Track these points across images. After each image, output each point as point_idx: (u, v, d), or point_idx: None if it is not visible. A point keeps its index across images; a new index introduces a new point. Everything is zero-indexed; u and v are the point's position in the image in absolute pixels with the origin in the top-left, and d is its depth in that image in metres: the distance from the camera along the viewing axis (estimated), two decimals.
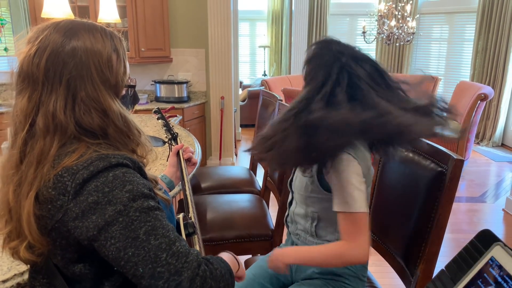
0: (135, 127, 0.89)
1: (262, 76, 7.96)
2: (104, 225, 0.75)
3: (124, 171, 0.79)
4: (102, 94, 0.83)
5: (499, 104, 5.44)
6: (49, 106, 0.80)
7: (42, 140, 0.80)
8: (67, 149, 0.80)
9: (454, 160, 1.17)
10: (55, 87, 0.80)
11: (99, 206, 0.75)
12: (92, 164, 0.77)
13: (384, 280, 1.76)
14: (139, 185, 0.79)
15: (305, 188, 1.24)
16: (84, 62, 0.81)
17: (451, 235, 3.05)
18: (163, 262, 0.75)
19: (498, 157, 5.05)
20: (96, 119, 0.82)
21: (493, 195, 3.84)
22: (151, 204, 0.79)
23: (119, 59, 0.88)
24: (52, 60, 0.80)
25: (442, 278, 0.78)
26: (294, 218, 1.34)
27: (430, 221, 1.23)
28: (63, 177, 0.77)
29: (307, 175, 1.23)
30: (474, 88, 4.33)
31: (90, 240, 0.76)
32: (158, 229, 0.77)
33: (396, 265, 1.40)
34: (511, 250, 0.68)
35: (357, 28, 6.98)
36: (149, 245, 0.75)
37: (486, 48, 5.56)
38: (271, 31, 7.84)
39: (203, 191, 2.34)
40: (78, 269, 0.82)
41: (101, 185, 0.76)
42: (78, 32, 0.83)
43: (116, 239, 0.75)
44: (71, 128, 0.81)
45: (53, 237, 0.79)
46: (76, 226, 0.76)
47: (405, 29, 5.23)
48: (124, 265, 0.76)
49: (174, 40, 4.20)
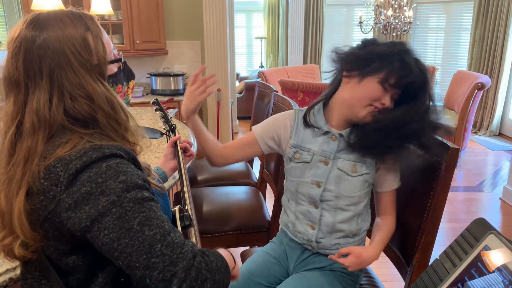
0: (123, 111, 0.87)
1: (259, 67, 7.91)
2: (97, 215, 0.74)
3: (118, 162, 0.78)
4: (84, 79, 0.81)
5: (497, 93, 5.42)
6: (32, 105, 0.79)
7: (29, 139, 0.79)
8: (60, 140, 0.79)
9: (450, 149, 1.17)
10: (38, 84, 0.80)
11: (92, 196, 0.74)
12: (86, 155, 0.76)
13: (381, 270, 1.76)
14: (133, 175, 0.78)
15: (361, 186, 1.23)
16: (59, 50, 0.79)
17: (448, 224, 3.05)
18: (157, 252, 0.74)
19: (495, 147, 5.05)
20: (84, 106, 0.81)
21: (490, 184, 3.85)
22: (145, 195, 0.78)
23: (95, 37, 0.85)
24: (28, 58, 0.79)
25: (436, 268, 0.77)
26: (334, 229, 1.26)
27: (426, 211, 1.22)
28: (56, 167, 0.76)
29: (362, 173, 1.23)
30: (471, 78, 4.31)
31: (83, 231, 0.76)
32: (153, 220, 0.77)
33: (392, 255, 1.40)
34: (505, 238, 0.68)
35: (353, 18, 6.94)
36: (143, 236, 0.75)
37: (484, 37, 5.54)
38: (267, 22, 7.79)
39: (200, 184, 2.33)
40: (72, 260, 0.82)
41: (94, 175, 0.75)
42: (45, 23, 0.81)
43: (109, 230, 0.74)
44: (59, 119, 0.80)
45: (46, 228, 0.78)
46: (68, 217, 0.75)
47: (402, 18, 5.19)
48: (118, 256, 0.75)
49: (169, 32, 4.17)
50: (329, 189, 1.23)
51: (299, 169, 1.28)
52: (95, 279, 0.84)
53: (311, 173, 1.25)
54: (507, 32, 5.23)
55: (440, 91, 6.29)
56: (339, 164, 1.23)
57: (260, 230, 1.90)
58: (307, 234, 1.28)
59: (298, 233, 1.31)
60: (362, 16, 5.60)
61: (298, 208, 1.30)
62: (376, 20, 5.39)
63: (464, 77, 4.67)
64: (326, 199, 1.24)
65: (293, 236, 1.33)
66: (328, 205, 1.25)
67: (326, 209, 1.25)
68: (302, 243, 1.30)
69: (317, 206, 1.26)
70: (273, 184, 2.06)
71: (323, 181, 1.24)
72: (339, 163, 1.23)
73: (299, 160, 1.28)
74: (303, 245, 1.31)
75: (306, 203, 1.28)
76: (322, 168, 1.24)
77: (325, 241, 1.27)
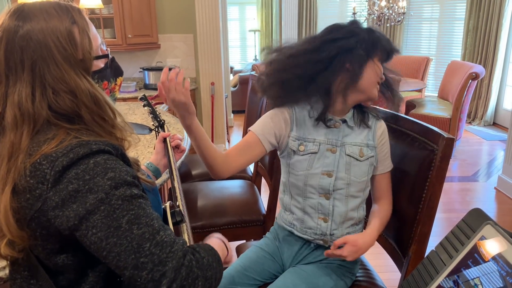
0: (109, 107, 0.84)
1: (253, 60, 7.87)
2: (85, 214, 0.72)
3: (106, 158, 0.76)
4: (67, 73, 0.78)
5: (491, 83, 5.43)
6: (14, 98, 0.76)
7: (12, 134, 0.76)
8: (46, 136, 0.76)
9: (445, 139, 1.16)
10: (19, 76, 0.77)
11: (80, 194, 0.72)
12: (72, 151, 0.74)
13: (376, 261, 1.76)
14: (121, 172, 0.76)
15: (368, 169, 1.27)
16: (42, 42, 0.76)
17: (443, 214, 3.06)
18: (146, 252, 0.73)
19: (490, 136, 5.06)
20: (67, 102, 0.78)
21: (485, 174, 3.86)
22: (134, 192, 0.76)
23: (81, 31, 0.82)
24: (9, 49, 0.76)
25: (433, 259, 0.76)
26: (346, 217, 1.25)
27: (421, 202, 1.22)
28: (42, 164, 0.73)
29: (368, 157, 1.26)
30: (465, 68, 4.31)
31: (71, 230, 0.74)
32: (142, 218, 0.75)
33: (388, 246, 1.39)
34: (502, 228, 0.67)
35: (347, 9, 6.90)
36: (132, 235, 0.73)
37: (477, 27, 5.53)
38: (261, 14, 7.73)
39: (194, 178, 2.31)
40: (61, 260, 0.80)
41: (81, 172, 0.73)
42: (30, 13, 0.78)
43: (97, 228, 0.72)
44: (44, 114, 0.77)
45: (33, 227, 0.76)
46: (56, 216, 0.73)
47: (396, 9, 5.16)
48: (106, 256, 0.73)
49: (162, 26, 4.12)
50: (341, 177, 1.23)
51: (306, 161, 1.25)
52: (86, 278, 0.82)
53: (320, 163, 1.24)
54: (500, 21, 5.22)
55: (435, 81, 6.30)
56: (347, 150, 1.24)
57: (255, 223, 1.89)
58: (320, 228, 1.26)
59: (308, 229, 1.28)
60: (356, 7, 5.57)
61: (307, 203, 1.27)
62: (369, 11, 5.36)
63: (458, 67, 4.66)
64: (338, 188, 1.24)
65: (301, 233, 1.29)
66: (340, 194, 1.24)
67: (338, 199, 1.25)
68: (313, 238, 1.28)
69: (328, 197, 1.24)
70: (268, 177, 2.04)
71: (334, 170, 1.23)
72: (347, 149, 1.24)
73: (305, 152, 1.25)
74: (313, 240, 1.29)
75: (316, 195, 1.25)
76: (331, 157, 1.24)
77: (337, 232, 1.27)
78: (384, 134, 1.30)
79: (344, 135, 1.25)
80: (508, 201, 3.28)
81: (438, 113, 4.24)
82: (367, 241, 1.19)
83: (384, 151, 1.30)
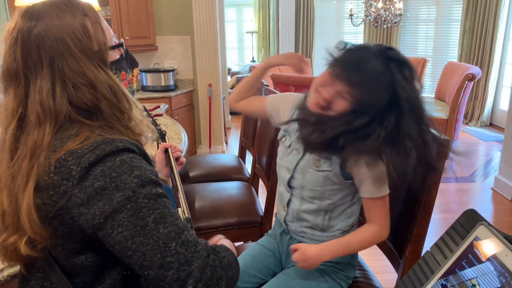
0: (126, 98, 0.84)
1: (251, 62, 7.89)
2: (111, 212, 0.71)
3: (132, 156, 0.75)
4: (86, 66, 0.78)
5: (487, 83, 5.45)
6: (35, 96, 0.76)
7: (35, 131, 0.76)
8: (69, 132, 0.76)
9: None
10: (38, 74, 0.76)
11: (106, 191, 0.71)
12: (98, 148, 0.73)
13: (373, 262, 1.77)
14: (146, 171, 0.75)
15: (323, 182, 1.20)
16: (59, 38, 0.76)
17: (440, 215, 3.07)
18: (172, 251, 0.72)
19: (486, 137, 5.08)
20: (87, 95, 0.77)
21: (482, 175, 3.88)
22: (159, 191, 0.76)
23: (94, 23, 0.82)
24: (26, 48, 0.76)
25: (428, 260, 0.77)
26: (299, 216, 1.27)
27: (417, 203, 1.22)
28: (67, 161, 0.72)
29: (324, 169, 1.19)
30: (462, 69, 4.33)
31: (95, 229, 0.72)
32: (167, 217, 0.74)
33: (384, 247, 1.40)
34: (495, 229, 0.68)
35: (344, 11, 6.92)
36: (158, 234, 0.72)
37: (474, 28, 5.56)
38: (258, 16, 7.75)
39: (192, 180, 2.32)
40: (80, 261, 0.78)
41: (108, 169, 0.72)
42: (41, 12, 0.78)
43: (123, 227, 0.71)
44: (64, 109, 0.77)
45: (55, 225, 0.75)
46: (81, 213, 0.72)
47: (392, 10, 5.19)
48: (131, 255, 0.72)
49: (159, 28, 4.13)
50: (296, 177, 1.27)
51: (281, 152, 1.33)
52: (102, 280, 0.81)
53: (287, 158, 1.30)
54: (496, 22, 5.25)
55: (431, 82, 6.32)
56: (307, 155, 1.24)
57: (253, 225, 1.90)
58: (281, 214, 1.35)
59: (278, 213, 1.38)
60: (353, 9, 5.58)
61: (279, 189, 1.36)
62: (366, 13, 5.38)
63: (454, 68, 4.69)
64: (294, 186, 1.28)
65: (277, 216, 1.40)
66: (296, 192, 1.28)
67: (295, 196, 1.29)
68: (281, 223, 1.36)
69: (288, 190, 1.30)
70: (265, 179, 2.05)
71: (292, 168, 1.27)
72: (307, 155, 1.24)
73: (283, 144, 1.33)
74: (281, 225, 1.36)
75: (282, 186, 1.33)
76: (295, 156, 1.27)
77: (292, 226, 1.31)
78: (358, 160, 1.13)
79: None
80: (505, 201, 3.29)
81: (435, 114, 4.25)
82: (316, 253, 1.17)
83: (361, 177, 1.16)
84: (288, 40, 6.24)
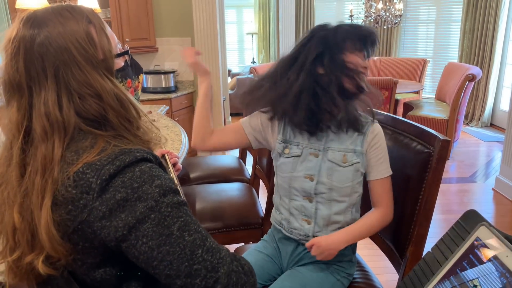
0: (133, 107, 0.81)
1: (251, 63, 7.89)
2: (135, 223, 0.69)
3: (150, 166, 0.74)
4: (91, 75, 0.75)
5: (487, 84, 5.45)
6: (40, 108, 0.73)
7: (43, 145, 0.73)
8: (83, 144, 0.74)
9: (441, 141, 1.16)
10: (43, 85, 0.73)
11: (129, 203, 0.69)
12: (118, 159, 0.71)
13: (374, 263, 1.76)
14: (166, 180, 0.74)
15: (353, 176, 1.23)
16: (62, 47, 0.73)
17: (441, 216, 3.07)
18: (199, 258, 0.71)
19: (487, 137, 5.08)
20: (93, 106, 0.75)
21: (483, 175, 3.87)
22: (180, 199, 0.75)
23: (99, 31, 0.79)
24: (29, 58, 0.73)
25: (429, 261, 0.77)
26: (330, 221, 1.25)
27: (418, 204, 1.22)
28: (86, 173, 0.70)
29: (353, 163, 1.22)
30: (462, 69, 4.33)
31: (118, 241, 0.71)
32: (191, 225, 0.73)
33: (385, 248, 1.40)
34: (496, 230, 0.67)
35: (344, 12, 6.93)
36: (184, 242, 0.71)
37: (474, 29, 5.55)
38: (258, 17, 7.75)
39: (192, 181, 2.32)
40: (99, 275, 0.77)
41: (128, 180, 0.70)
42: (44, 19, 0.75)
43: (148, 237, 0.69)
44: (73, 121, 0.74)
45: (75, 240, 0.72)
46: (103, 226, 0.70)
47: (393, 11, 5.19)
48: (157, 265, 0.71)
49: (159, 29, 4.13)
50: (322, 181, 1.23)
51: (290, 164, 1.26)
52: None
53: (303, 166, 1.25)
54: (496, 23, 5.25)
55: (432, 83, 6.32)
56: (329, 155, 1.23)
57: (253, 226, 1.90)
58: (303, 229, 1.27)
59: (293, 229, 1.29)
60: (353, 9, 5.59)
61: (292, 204, 1.29)
62: (366, 14, 5.38)
63: (455, 69, 4.68)
64: (320, 192, 1.24)
65: (288, 233, 1.31)
66: (323, 198, 1.24)
67: (321, 202, 1.24)
68: (299, 239, 1.29)
69: (311, 200, 1.25)
70: (266, 180, 2.05)
71: (316, 174, 1.23)
72: (329, 155, 1.23)
73: (289, 155, 1.27)
74: (299, 241, 1.30)
75: (300, 198, 1.26)
76: (313, 161, 1.24)
77: (321, 234, 1.26)
78: (377, 139, 1.24)
79: (329, 140, 1.24)
80: (506, 202, 3.29)
81: (435, 114, 4.25)
82: (332, 242, 1.19)
83: (377, 157, 1.25)
84: (288, 41, 6.24)
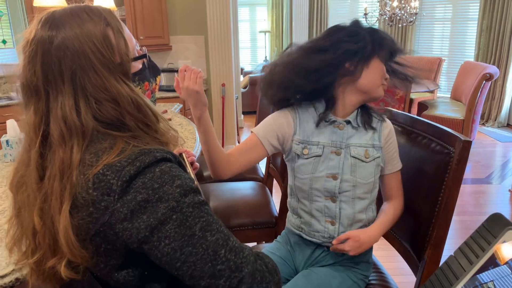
0: (152, 112, 0.80)
1: (264, 61, 7.87)
2: (157, 224, 0.68)
3: (170, 166, 0.73)
4: (107, 80, 0.74)
5: (505, 83, 5.35)
6: (57, 112, 0.73)
7: (60, 150, 0.72)
8: (102, 145, 0.73)
9: (462, 142, 1.14)
10: (60, 89, 0.73)
11: (150, 204, 0.69)
12: (138, 159, 0.70)
13: (390, 264, 1.74)
14: (186, 179, 0.73)
15: (375, 171, 1.24)
16: (79, 50, 0.72)
17: (457, 217, 3.02)
18: (222, 259, 0.70)
19: (503, 138, 4.99)
20: (110, 111, 0.74)
21: (499, 176, 3.80)
22: (201, 198, 0.74)
23: (116, 33, 0.78)
24: (47, 62, 0.72)
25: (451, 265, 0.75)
26: (354, 219, 1.24)
27: (437, 205, 1.20)
28: (106, 175, 0.69)
29: (374, 157, 1.24)
30: (479, 68, 4.25)
31: (140, 243, 0.70)
32: (213, 224, 0.72)
33: (402, 249, 1.38)
34: None
35: (358, 10, 6.86)
36: (207, 242, 0.70)
37: (491, 27, 5.46)
38: (271, 15, 7.73)
39: (206, 180, 2.32)
40: (122, 276, 0.76)
41: (149, 181, 0.69)
42: (62, 21, 0.74)
43: (171, 238, 0.69)
44: (91, 125, 0.73)
45: (97, 243, 0.72)
46: (124, 228, 0.69)
47: (408, 9, 5.12)
48: (180, 267, 0.70)
49: (173, 27, 4.14)
50: (346, 179, 1.21)
51: (311, 165, 1.24)
52: None
53: (325, 166, 1.22)
54: None
55: (447, 82, 6.23)
56: (352, 151, 1.22)
57: (267, 226, 1.88)
58: (328, 231, 1.25)
59: (316, 232, 1.27)
60: (367, 7, 5.53)
61: (313, 206, 1.26)
62: (381, 12, 5.33)
63: (471, 68, 4.61)
64: (344, 190, 1.22)
65: (309, 237, 1.28)
66: (346, 196, 1.23)
67: (344, 201, 1.23)
68: (322, 241, 1.27)
69: (334, 200, 1.23)
70: (279, 179, 2.04)
71: (339, 172, 1.21)
72: (352, 151, 1.22)
73: (309, 156, 1.24)
74: (322, 243, 1.27)
75: (322, 198, 1.24)
76: (335, 159, 1.22)
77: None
78: (390, 134, 1.28)
79: (348, 137, 1.23)
80: None
81: (451, 114, 4.19)
82: (369, 236, 1.20)
83: (392, 151, 1.28)
84: (301, 39, 6.21)
